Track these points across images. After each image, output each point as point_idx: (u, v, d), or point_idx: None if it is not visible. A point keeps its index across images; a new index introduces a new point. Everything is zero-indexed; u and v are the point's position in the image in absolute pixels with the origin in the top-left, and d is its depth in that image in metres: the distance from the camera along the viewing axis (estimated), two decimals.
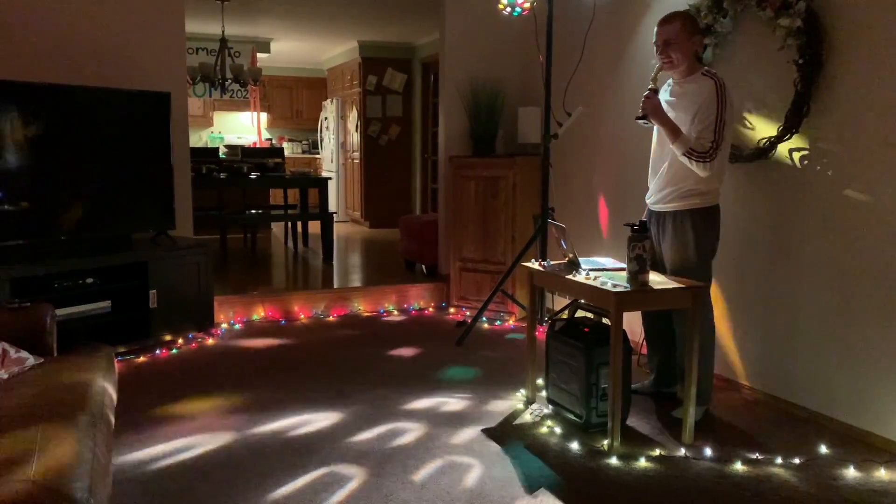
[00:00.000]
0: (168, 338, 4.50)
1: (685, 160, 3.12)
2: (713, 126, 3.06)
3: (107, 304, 4.27)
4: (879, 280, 3.02)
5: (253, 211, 7.65)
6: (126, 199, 4.50)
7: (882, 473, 2.79)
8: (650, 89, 3.25)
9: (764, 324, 3.59)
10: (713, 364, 3.43)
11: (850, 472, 2.79)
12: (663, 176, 3.29)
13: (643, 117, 3.27)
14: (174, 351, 4.38)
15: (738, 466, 2.85)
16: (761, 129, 3.49)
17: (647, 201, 3.45)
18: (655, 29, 3.25)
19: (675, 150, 3.15)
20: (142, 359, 4.22)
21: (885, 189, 2.99)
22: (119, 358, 4.15)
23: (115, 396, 2.53)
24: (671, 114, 3.22)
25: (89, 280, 4.18)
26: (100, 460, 1.88)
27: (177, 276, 4.53)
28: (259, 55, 9.42)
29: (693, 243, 3.25)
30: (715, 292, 3.69)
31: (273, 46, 9.70)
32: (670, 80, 3.35)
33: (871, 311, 3.06)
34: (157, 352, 4.33)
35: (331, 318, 5.24)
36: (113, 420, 2.37)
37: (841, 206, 3.18)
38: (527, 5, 4.54)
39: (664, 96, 3.32)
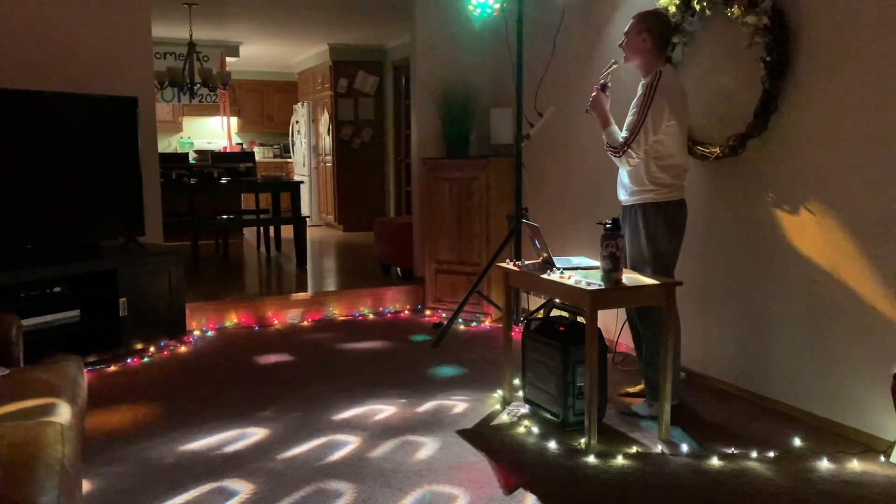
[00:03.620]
0: (139, 346, 4.43)
1: (607, 152, 3.30)
2: (633, 123, 3.17)
3: (75, 313, 4.20)
4: (849, 273, 3.06)
5: (224, 216, 7.57)
6: (94, 207, 4.42)
7: (855, 464, 2.82)
8: (600, 84, 3.37)
9: (737, 319, 3.62)
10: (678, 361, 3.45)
11: (824, 464, 2.82)
12: (624, 171, 3.37)
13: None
14: (146, 359, 4.31)
15: (715, 461, 2.86)
16: (731, 126, 3.52)
17: (619, 198, 3.50)
18: None
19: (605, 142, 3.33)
20: (113, 368, 4.15)
21: (852, 184, 3.03)
22: (89, 368, 4.07)
23: (84, 407, 2.48)
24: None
25: (57, 289, 4.10)
26: (69, 473, 1.83)
27: (147, 284, 4.46)
28: (228, 59, 9.33)
29: (644, 237, 3.30)
30: (688, 288, 3.71)
31: (242, 50, 9.61)
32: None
33: (842, 304, 3.10)
34: (129, 360, 4.26)
35: (305, 322, 5.20)
36: (83, 431, 2.32)
37: (809, 199, 3.22)
38: (497, 6, 4.55)
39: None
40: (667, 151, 3.24)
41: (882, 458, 2.86)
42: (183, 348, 4.54)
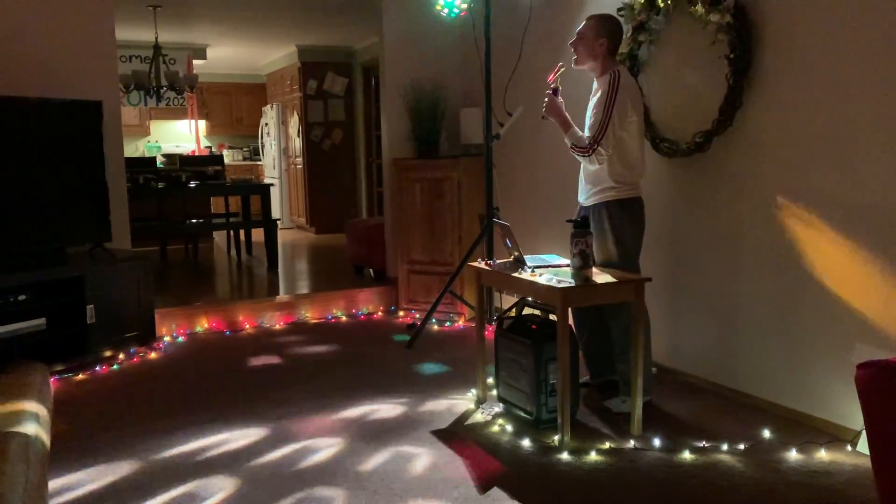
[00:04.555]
0: (108, 353, 4.36)
1: (573, 154, 3.31)
2: (598, 121, 3.21)
3: (41, 321, 4.11)
4: (812, 265, 3.11)
5: (194, 220, 7.49)
6: (59, 213, 4.35)
7: (822, 454, 2.87)
8: (551, 89, 3.41)
9: (707, 314, 3.66)
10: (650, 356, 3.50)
11: (793, 455, 2.87)
12: (584, 172, 3.42)
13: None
14: (115, 367, 4.25)
15: (686, 455, 2.89)
16: (697, 123, 3.56)
17: (579, 199, 3.55)
18: None
19: (568, 144, 3.36)
20: (81, 376, 4.08)
21: (817, 178, 3.08)
22: (56, 376, 4.01)
23: (49, 417, 2.43)
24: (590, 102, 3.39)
25: (22, 297, 4.02)
26: (34, 485, 1.79)
27: (115, 290, 4.40)
28: (195, 62, 9.24)
29: (611, 234, 3.34)
30: (657, 284, 3.74)
31: (209, 52, 9.51)
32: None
33: (808, 296, 3.15)
34: (98, 368, 4.19)
35: (277, 326, 5.16)
36: (48, 442, 2.27)
37: (775, 195, 3.27)
38: (464, 6, 4.55)
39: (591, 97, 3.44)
40: (628, 149, 3.30)
41: (849, 448, 2.91)
42: (153, 355, 4.48)
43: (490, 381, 3.61)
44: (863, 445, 2.86)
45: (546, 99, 3.40)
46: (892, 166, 2.80)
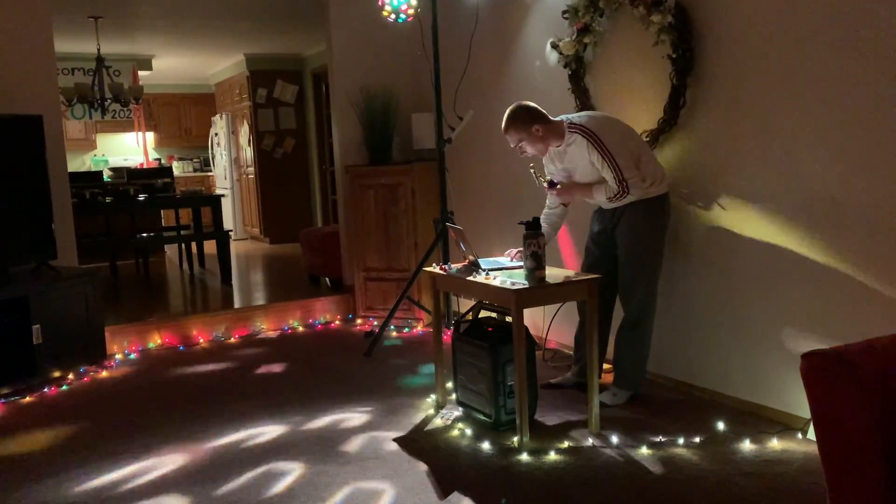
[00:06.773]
0: (57, 374, 4.24)
1: (615, 202, 3.33)
2: (610, 167, 3.23)
3: None
4: (758, 259, 3.18)
5: (143, 234, 7.34)
6: (0, 231, 4.22)
7: (775, 443, 2.93)
8: (548, 182, 3.45)
9: (659, 311, 3.70)
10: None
11: (746, 445, 2.92)
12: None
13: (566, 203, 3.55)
14: (64, 388, 4.13)
15: (644, 450, 2.93)
16: (643, 122, 3.61)
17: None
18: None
19: (601, 201, 3.38)
20: (28, 399, 3.95)
21: (758, 174, 3.15)
22: (2, 400, 3.89)
23: None
24: (578, 164, 3.37)
25: None
26: None
27: (63, 309, 4.28)
28: (141, 73, 9.07)
29: (649, 229, 3.37)
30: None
31: (155, 63, 9.35)
32: (553, 150, 3.43)
33: (754, 290, 3.22)
34: (46, 390, 4.07)
35: (232, 339, 5.08)
36: None
37: (721, 191, 3.33)
38: (411, 12, 4.55)
39: (562, 164, 3.45)
40: (646, 160, 3.35)
41: (799, 436, 2.98)
42: (104, 373, 4.37)
43: (449, 385, 3.61)
44: (812, 433, 2.92)
45: (557, 195, 3.46)
46: (830, 159, 2.87)
